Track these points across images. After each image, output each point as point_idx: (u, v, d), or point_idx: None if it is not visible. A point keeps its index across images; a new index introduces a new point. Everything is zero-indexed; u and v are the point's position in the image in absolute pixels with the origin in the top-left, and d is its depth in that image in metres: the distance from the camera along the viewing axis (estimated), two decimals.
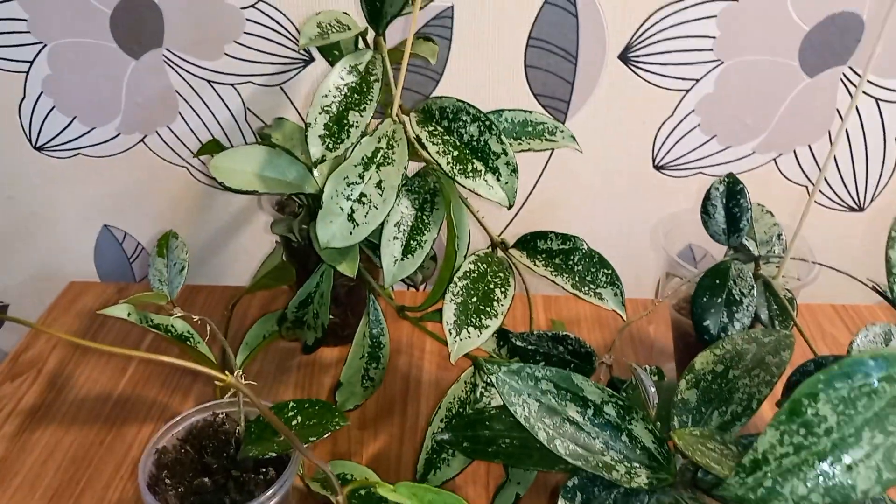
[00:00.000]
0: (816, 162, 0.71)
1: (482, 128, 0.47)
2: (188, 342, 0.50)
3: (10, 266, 0.78)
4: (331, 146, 0.46)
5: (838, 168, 0.71)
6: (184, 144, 0.71)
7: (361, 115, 0.47)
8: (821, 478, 0.28)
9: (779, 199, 0.73)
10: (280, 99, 0.68)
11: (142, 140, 0.70)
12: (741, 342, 0.43)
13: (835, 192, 0.73)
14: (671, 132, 0.70)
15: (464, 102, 0.48)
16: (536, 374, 0.39)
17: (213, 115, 0.69)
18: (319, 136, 0.46)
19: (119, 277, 0.79)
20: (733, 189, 0.49)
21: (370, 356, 0.54)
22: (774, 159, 0.71)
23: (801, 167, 0.71)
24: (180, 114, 0.69)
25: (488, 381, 0.51)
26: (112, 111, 0.69)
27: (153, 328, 0.48)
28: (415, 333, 0.68)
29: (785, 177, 0.72)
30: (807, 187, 0.72)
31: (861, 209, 0.74)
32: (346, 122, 0.47)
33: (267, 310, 0.71)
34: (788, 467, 0.29)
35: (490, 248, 0.53)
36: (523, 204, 0.74)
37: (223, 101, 0.68)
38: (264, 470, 0.42)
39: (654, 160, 0.71)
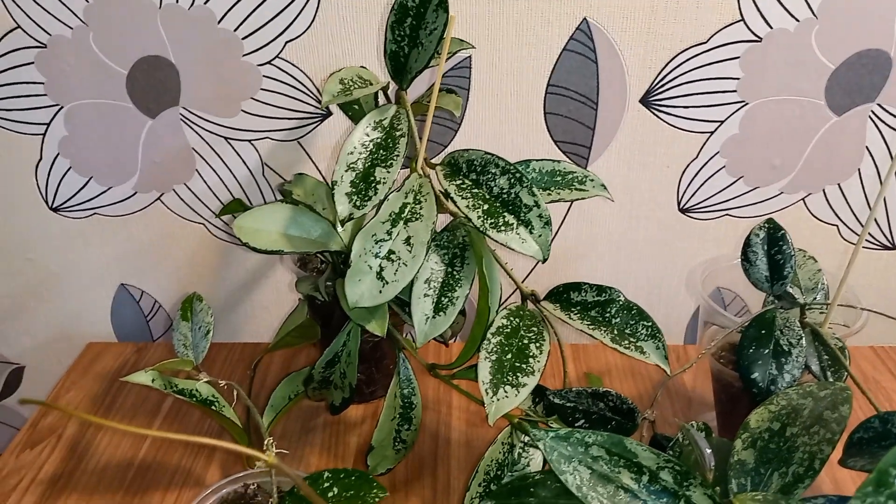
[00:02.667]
0: (847, 201, 0.69)
1: (512, 180, 0.46)
2: (213, 406, 0.48)
3: (28, 327, 0.76)
4: (358, 204, 0.45)
5: (869, 206, 0.69)
6: (201, 202, 0.70)
7: (388, 172, 0.46)
8: None
9: (809, 239, 0.71)
10: (298, 154, 0.68)
11: (159, 198, 0.70)
12: (796, 397, 0.41)
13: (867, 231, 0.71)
14: (696, 174, 0.68)
15: (492, 155, 0.47)
16: (587, 439, 0.37)
17: (231, 171, 0.68)
18: (346, 194, 0.45)
19: (136, 336, 0.77)
20: (774, 235, 0.48)
21: (402, 417, 0.52)
22: (803, 199, 0.69)
23: (831, 206, 0.70)
24: (197, 171, 0.68)
25: (526, 442, 0.48)
26: (128, 170, 0.68)
27: (178, 394, 0.47)
28: (441, 388, 0.66)
29: (815, 216, 0.70)
30: (837, 226, 0.71)
31: (894, 247, 0.72)
32: (372, 178, 0.46)
33: (288, 367, 0.69)
34: None
35: (520, 301, 0.51)
36: None
37: (240, 157, 0.68)
38: None
39: (679, 203, 0.70)
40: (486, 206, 0.46)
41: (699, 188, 0.69)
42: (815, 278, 0.49)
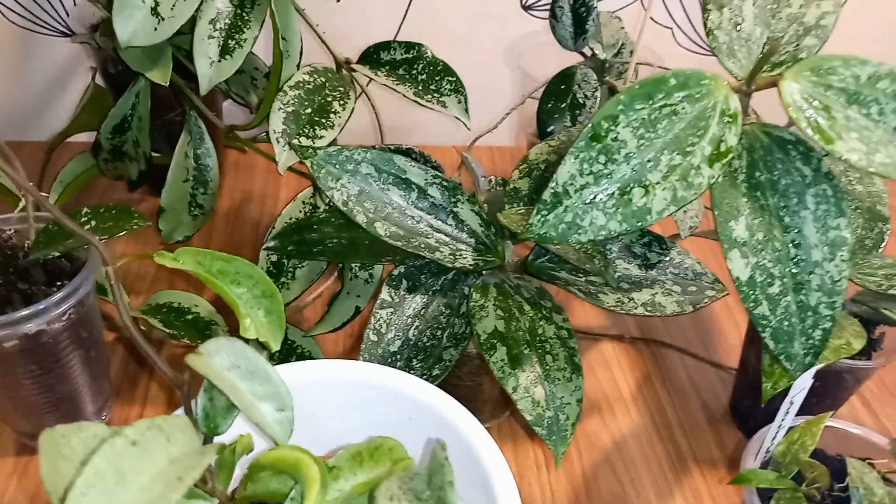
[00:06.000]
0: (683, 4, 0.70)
1: None
2: None
3: None
4: None
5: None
6: None
7: None
8: (620, 206, 0.27)
9: (646, 40, 0.71)
10: None
11: None
12: (576, 132, 0.42)
13: (698, 35, 0.72)
14: None
15: None
16: (356, 156, 0.36)
17: None
18: None
19: None
20: None
21: (196, 180, 0.49)
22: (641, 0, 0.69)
23: (666, 7, 0.70)
24: None
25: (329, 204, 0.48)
26: None
27: None
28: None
29: (652, 19, 0.70)
30: (672, 29, 0.71)
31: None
32: None
33: None
34: (588, 199, 0.27)
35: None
36: None
37: None
38: (59, 283, 0.38)
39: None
40: None
41: None
42: (617, 35, 0.50)
